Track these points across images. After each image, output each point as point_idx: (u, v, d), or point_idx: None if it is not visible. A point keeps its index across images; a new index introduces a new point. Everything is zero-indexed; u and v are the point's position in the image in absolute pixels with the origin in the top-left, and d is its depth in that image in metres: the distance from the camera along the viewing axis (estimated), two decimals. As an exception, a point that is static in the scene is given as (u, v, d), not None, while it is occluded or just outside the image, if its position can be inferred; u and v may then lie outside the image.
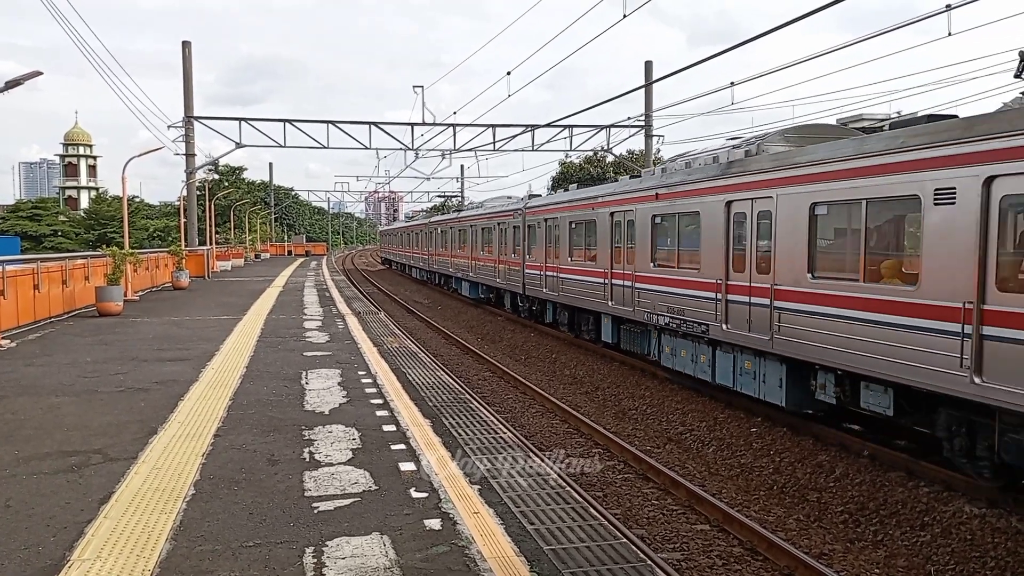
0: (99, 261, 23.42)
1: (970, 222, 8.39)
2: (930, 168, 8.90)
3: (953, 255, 8.63)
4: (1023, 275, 7.96)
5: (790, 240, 11.39)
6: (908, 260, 9.69)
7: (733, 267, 12.99)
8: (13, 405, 9.57)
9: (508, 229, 27.27)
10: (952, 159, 8.62)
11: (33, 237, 79.54)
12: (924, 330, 8.99)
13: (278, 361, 12.92)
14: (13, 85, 15.34)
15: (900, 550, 8.33)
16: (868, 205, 9.97)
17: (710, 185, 13.65)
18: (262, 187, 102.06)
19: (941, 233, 8.80)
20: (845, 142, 10.69)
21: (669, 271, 15.24)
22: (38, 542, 5.29)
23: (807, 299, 11.04)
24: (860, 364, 10.00)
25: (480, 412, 9.78)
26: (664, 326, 15.24)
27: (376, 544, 5.26)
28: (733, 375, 13.12)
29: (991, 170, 8.11)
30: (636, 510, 9.45)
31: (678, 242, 15.02)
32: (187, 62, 38.00)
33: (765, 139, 13.14)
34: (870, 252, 10.18)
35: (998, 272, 8.17)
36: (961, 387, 8.47)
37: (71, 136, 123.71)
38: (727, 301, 13.04)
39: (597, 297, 18.83)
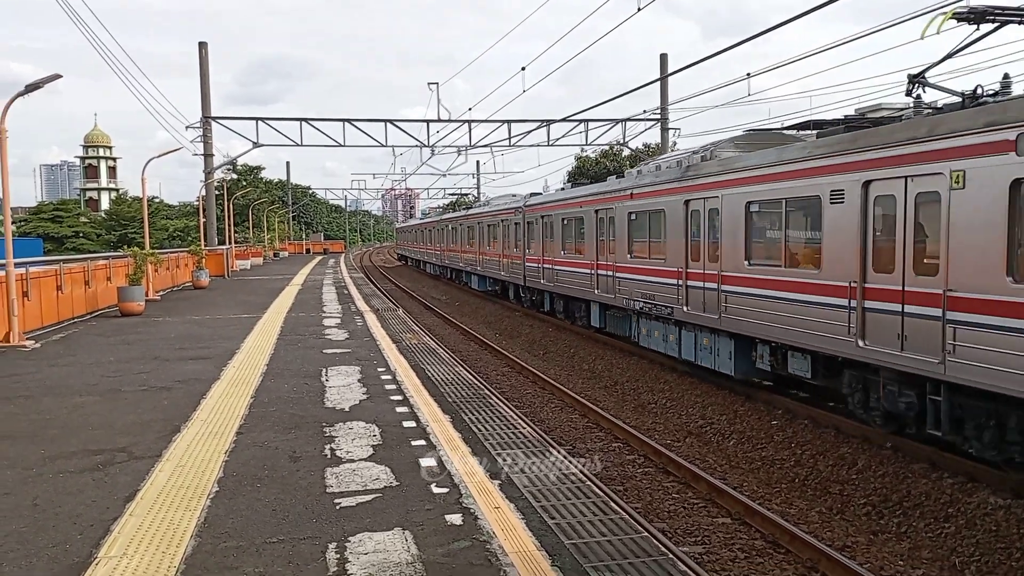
0: (120, 262, 23.67)
1: (854, 217, 10.46)
2: (827, 174, 11.01)
3: (843, 244, 10.72)
4: (903, 258, 9.79)
5: (732, 233, 13.50)
6: (814, 249, 11.57)
7: (691, 257, 15.08)
8: (39, 405, 9.70)
9: (510, 226, 29.21)
10: (842, 167, 10.70)
11: (55, 238, 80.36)
12: (826, 305, 11.08)
13: (298, 359, 13.01)
14: (33, 88, 15.49)
15: (924, 542, 8.28)
16: (787, 204, 12.15)
17: (672, 186, 15.90)
18: (280, 186, 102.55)
19: (835, 226, 10.88)
20: (772, 150, 12.77)
21: (642, 262, 17.47)
22: (65, 540, 5.37)
23: (745, 283, 13.16)
24: (786, 336, 12.07)
25: (499, 407, 9.81)
26: (640, 310, 17.39)
27: (398, 539, 5.29)
28: (695, 351, 15.12)
29: (868, 175, 10.20)
30: (657, 504, 9.44)
31: (648, 236, 17.22)
32: (204, 63, 38.26)
33: (718, 146, 15.08)
34: (789, 242, 12.28)
35: (874, 256, 10.28)
36: (851, 350, 10.58)
37: (91, 138, 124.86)
38: (687, 287, 15.17)
39: (586, 286, 21.00)
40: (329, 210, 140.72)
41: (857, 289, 10.42)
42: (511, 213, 29.23)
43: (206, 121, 37.80)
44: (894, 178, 9.82)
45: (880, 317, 10.06)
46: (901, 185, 9.73)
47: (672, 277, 15.70)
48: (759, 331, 12.77)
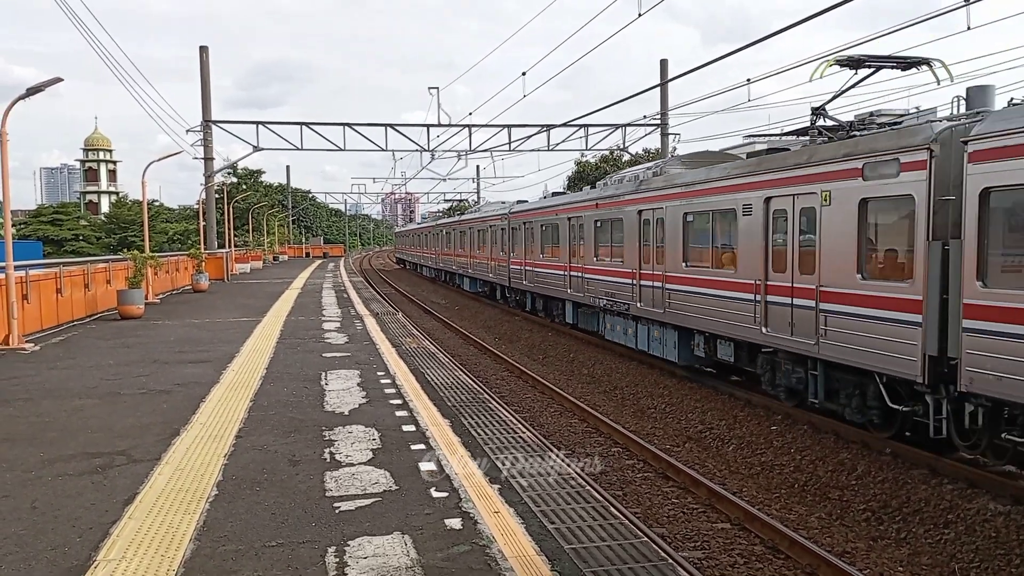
0: (120, 265, 23.68)
1: (759, 226, 12.72)
2: (741, 191, 13.31)
3: (752, 248, 12.98)
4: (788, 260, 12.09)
5: (673, 239, 15.86)
6: (732, 252, 13.74)
7: (643, 260, 17.32)
8: (38, 408, 9.70)
9: (497, 231, 31.39)
10: (750, 185, 13.02)
11: (55, 241, 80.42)
12: (740, 300, 13.26)
13: (298, 362, 13.00)
14: (34, 92, 15.51)
15: (924, 548, 8.27)
16: (713, 215, 14.44)
17: (628, 198, 18.20)
18: (280, 190, 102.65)
19: (746, 234, 13.17)
20: (703, 169, 15.19)
21: (605, 264, 19.58)
22: (64, 543, 5.36)
23: (683, 282, 15.43)
24: (714, 327, 14.31)
25: (499, 412, 9.80)
26: (604, 307, 19.58)
27: (397, 543, 5.28)
28: (648, 342, 17.35)
29: (768, 193, 12.51)
30: (656, 509, 9.43)
31: (611, 241, 19.30)
32: (205, 67, 38.31)
33: (667, 163, 17.96)
34: (715, 247, 14.48)
35: (773, 259, 12.49)
36: (758, 337, 12.80)
37: (91, 141, 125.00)
38: (640, 286, 17.37)
39: (561, 287, 23.12)
40: (329, 214, 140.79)
41: (761, 286, 12.68)
42: (498, 219, 31.36)
43: (207, 125, 37.84)
44: (786, 196, 12.10)
45: (777, 308, 12.34)
46: (790, 201, 12.00)
47: (628, 277, 18.01)
48: (695, 323, 15.08)
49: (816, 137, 12.19)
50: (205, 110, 37.98)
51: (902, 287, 9.73)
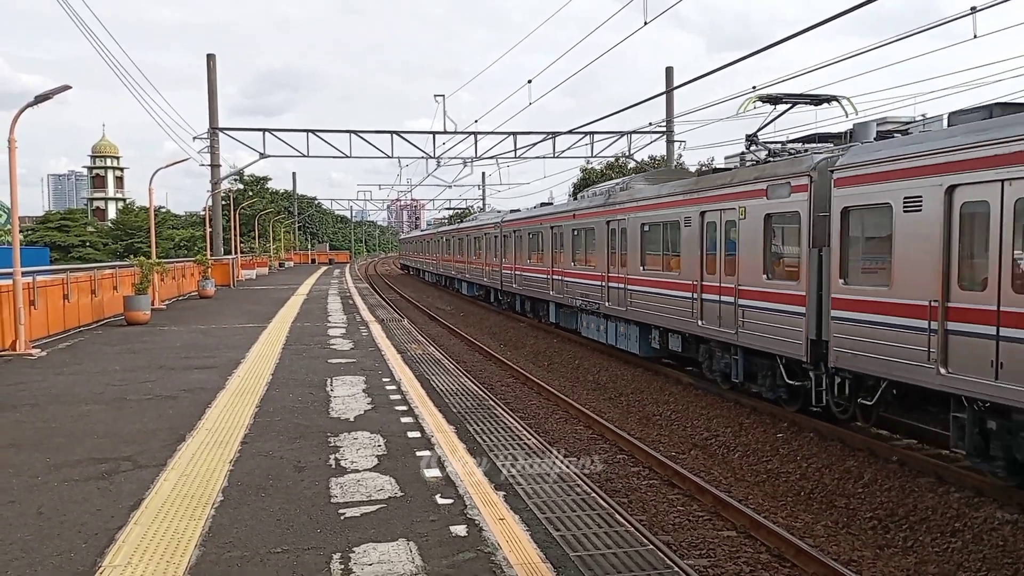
0: (127, 271, 23.76)
1: (696, 236, 15.00)
2: (683, 206, 15.65)
3: (691, 254, 15.15)
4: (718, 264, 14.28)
5: (634, 246, 18.04)
6: (677, 258, 15.96)
7: (610, 264, 19.46)
8: (44, 413, 9.72)
9: (491, 239, 33.79)
10: (690, 201, 15.37)
11: (62, 247, 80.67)
12: (683, 298, 15.48)
13: (303, 368, 13.02)
14: (42, 99, 15.59)
15: (930, 556, 8.23)
16: (664, 225, 16.71)
17: (599, 210, 20.43)
18: (286, 196, 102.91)
19: (687, 242, 15.41)
20: (658, 187, 17.66)
21: (582, 268, 21.69)
22: (70, 548, 5.37)
23: (641, 283, 17.64)
24: (665, 322, 16.56)
25: (504, 418, 9.80)
26: (580, 307, 21.74)
27: (403, 550, 5.28)
28: (616, 337, 19.46)
29: (703, 208, 14.82)
30: (662, 516, 9.40)
31: (585, 248, 21.51)
32: (212, 74, 38.48)
33: (633, 179, 20.36)
34: (666, 253, 16.66)
35: (707, 263, 14.68)
36: (696, 329, 15.06)
37: (99, 148, 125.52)
38: (608, 287, 19.56)
39: (545, 289, 25.34)
40: (335, 220, 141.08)
41: (698, 286, 14.91)
42: (492, 228, 33.81)
43: (213, 132, 37.99)
44: (715, 210, 14.38)
45: (709, 304, 14.55)
46: (719, 215, 14.25)
47: (599, 280, 20.18)
48: (651, 319, 17.31)
49: (747, 160, 14.70)
50: (212, 117, 38.14)
51: (793, 285, 12.14)
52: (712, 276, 14.45)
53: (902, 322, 9.86)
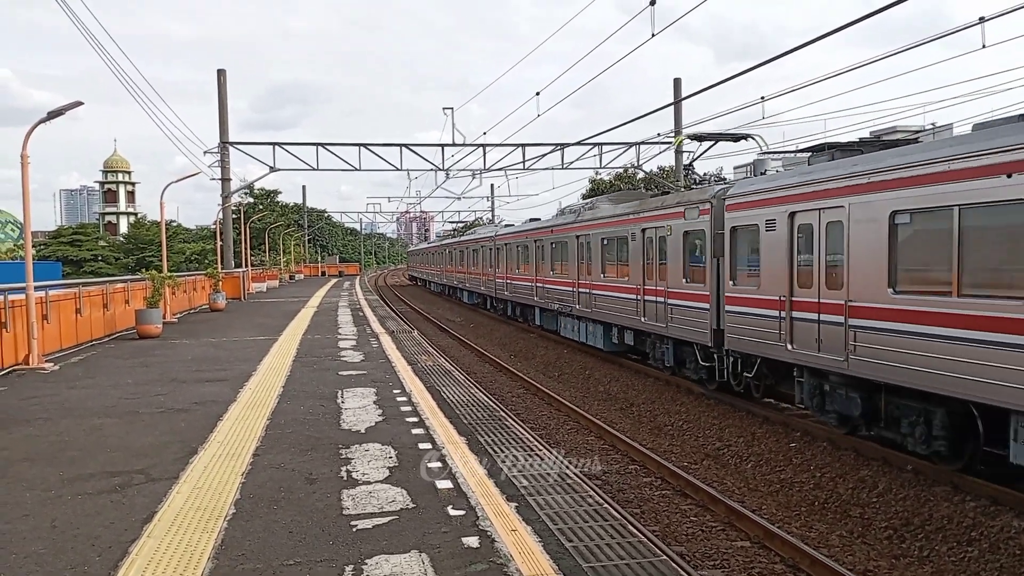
0: (138, 285, 23.88)
1: (640, 248, 18.36)
2: (630, 223, 19.05)
3: (636, 262, 18.59)
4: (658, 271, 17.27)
5: (597, 257, 21.45)
6: (626, 266, 19.37)
7: (579, 273, 22.77)
8: (58, 427, 9.76)
9: (487, 251, 37.16)
10: (635, 220, 18.71)
11: (74, 262, 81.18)
12: (631, 299, 18.80)
13: (314, 380, 13.04)
14: (55, 115, 15.72)
15: (947, 566, 8.15)
16: (615, 239, 20.21)
17: (569, 226, 24.03)
18: (296, 210, 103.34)
19: (632, 252, 18.82)
20: (613, 206, 21.11)
21: (558, 276, 25.09)
22: (84, 561, 5.38)
23: (603, 288, 20.97)
24: (620, 320, 19.76)
25: (515, 429, 9.77)
26: (558, 310, 25.18)
27: (415, 562, 5.27)
28: (586, 335, 22.67)
29: (643, 225, 18.18)
30: (675, 527, 9.35)
31: (562, 259, 24.85)
32: (222, 89, 38.76)
33: (597, 200, 23.64)
34: (619, 263, 19.98)
35: (646, 271, 18.01)
36: (639, 325, 18.48)
37: (110, 163, 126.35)
38: (578, 292, 22.82)
39: (530, 296, 28.73)
40: (344, 233, 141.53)
41: (640, 289, 18.29)
42: (488, 241, 37.35)
43: (224, 146, 38.21)
44: (651, 227, 17.77)
45: (649, 304, 17.91)
46: (654, 231, 17.60)
47: (571, 286, 23.52)
48: (610, 318, 20.49)
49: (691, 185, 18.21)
50: (222, 132, 38.38)
51: (702, 287, 15.32)
52: (650, 281, 17.82)
53: (766, 312, 13.07)
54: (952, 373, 9.27)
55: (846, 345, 11.04)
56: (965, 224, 9.16)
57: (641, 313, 18.19)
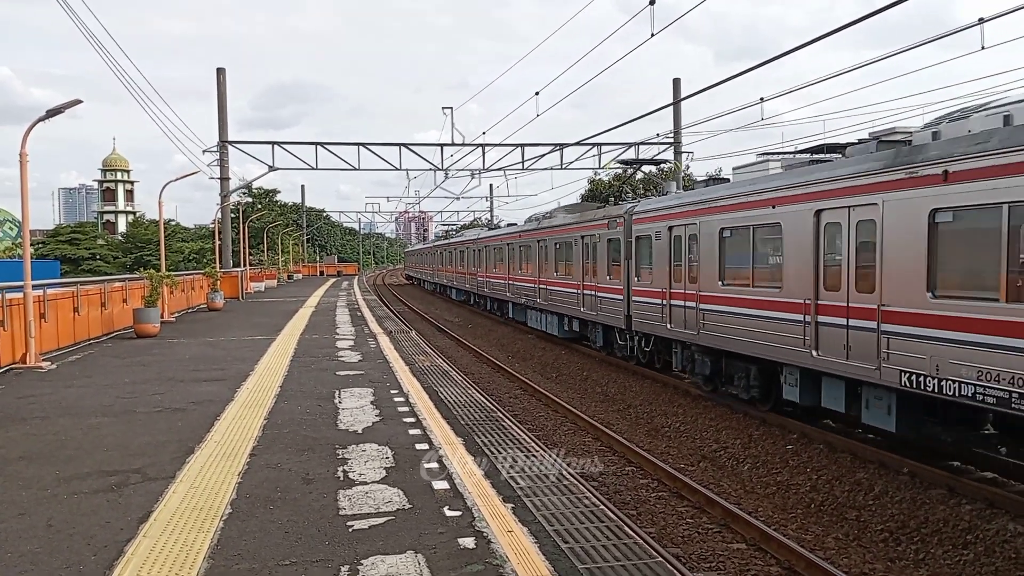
0: (136, 284, 23.86)
1: (579, 251, 22.62)
2: (574, 231, 23.37)
3: (578, 263, 22.71)
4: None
5: (553, 258, 25.57)
6: (572, 266, 23.43)
7: (539, 272, 27.00)
8: (54, 426, 9.76)
9: (471, 252, 41.46)
10: (577, 228, 23.05)
11: (72, 260, 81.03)
12: (575, 294, 23.01)
13: (311, 380, 13.04)
14: (54, 113, 15.71)
15: (942, 569, 8.16)
16: (561, 244, 24.78)
17: (532, 232, 28.46)
18: (294, 209, 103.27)
19: (575, 255, 22.95)
20: (563, 217, 25.78)
21: (525, 275, 29.22)
22: (79, 561, 5.38)
23: (556, 284, 25.15)
24: (569, 312, 23.84)
25: (512, 430, 9.78)
26: (525, 304, 29.32)
27: (411, 563, 5.27)
28: (546, 324, 26.74)
29: (581, 233, 22.53)
30: (671, 528, 9.35)
31: (527, 260, 28.85)
32: (222, 88, 38.76)
33: (555, 211, 28.15)
34: (566, 263, 24.20)
35: (584, 269, 22.22)
36: (580, 314, 22.83)
37: (109, 162, 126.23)
38: (539, 288, 26.99)
39: (505, 292, 32.77)
40: (343, 233, 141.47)
41: (580, 285, 22.58)
42: (471, 243, 41.82)
43: (223, 145, 38.21)
44: (587, 235, 22.10)
45: (586, 297, 22.19)
46: (590, 239, 21.85)
47: (534, 283, 27.67)
48: (562, 310, 24.68)
49: (627, 200, 23.07)
50: (221, 130, 38.38)
51: (618, 282, 19.58)
52: (587, 278, 22.10)
53: (655, 301, 17.39)
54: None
55: (697, 323, 15.29)
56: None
57: (581, 304, 22.65)
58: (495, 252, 34.86)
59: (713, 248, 14.83)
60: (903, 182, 9.94)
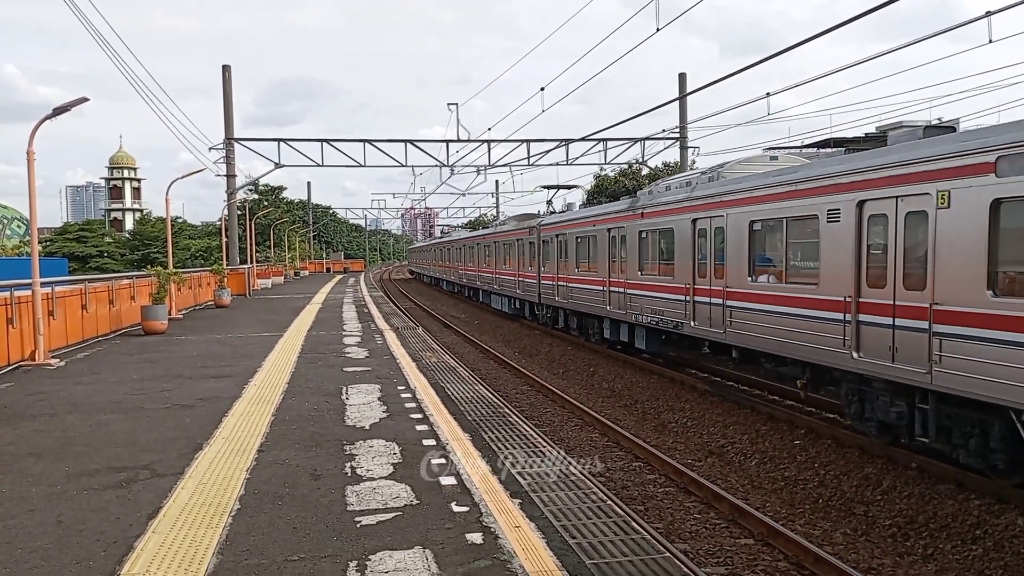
0: (144, 281, 23.93)
1: (516, 250, 31.62)
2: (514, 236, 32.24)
3: (514, 258, 31.75)
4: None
5: (501, 254, 33.76)
6: (514, 260, 31.69)
7: (496, 265, 33.87)
8: (63, 423, 9.80)
9: (455, 250, 49.65)
10: (513, 234, 32.50)
11: (80, 258, 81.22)
12: (513, 280, 31.71)
13: (319, 377, 13.06)
14: (61, 111, 15.76)
15: (951, 564, 8.14)
16: (506, 244, 33.37)
17: (520, 229, 31.46)
18: (301, 206, 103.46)
19: (516, 253, 31.51)
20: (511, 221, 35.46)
21: (488, 268, 36.24)
22: (89, 556, 5.41)
23: (504, 274, 33.46)
24: (511, 294, 32.44)
25: (519, 426, 9.79)
26: (487, 290, 36.44)
27: (418, 558, 5.28)
28: (500, 304, 34.12)
29: (517, 237, 31.53)
30: (678, 524, 9.35)
31: (513, 255, 32.07)
32: (227, 85, 38.76)
33: (508, 219, 36.36)
34: (510, 258, 32.48)
35: (520, 262, 30.79)
36: (517, 295, 31.53)
37: (116, 159, 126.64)
38: (495, 276, 34.86)
39: (476, 282, 40.61)
40: (349, 229, 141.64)
41: (517, 274, 30.49)
42: (457, 243, 49.92)
43: (229, 142, 38.25)
44: (518, 239, 30.45)
45: (520, 282, 30.30)
46: (519, 241, 30.58)
47: (514, 276, 31.94)
48: (507, 293, 32.87)
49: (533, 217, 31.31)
50: (227, 128, 38.41)
51: (532, 270, 27.91)
52: (521, 269, 30.24)
53: (551, 283, 25.62)
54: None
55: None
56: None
57: (517, 287, 30.76)
58: (469, 250, 43.44)
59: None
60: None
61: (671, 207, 16.96)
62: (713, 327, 14.85)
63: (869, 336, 10.57)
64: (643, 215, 18.48)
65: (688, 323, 15.92)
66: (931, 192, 9.38)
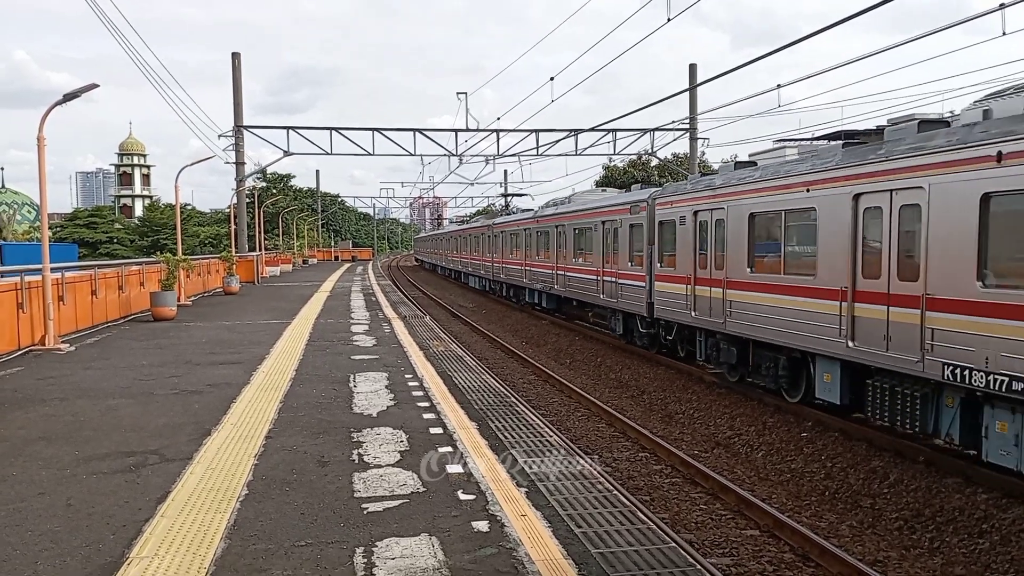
0: (153, 267, 24.02)
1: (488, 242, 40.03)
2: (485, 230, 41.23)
3: (487, 247, 39.86)
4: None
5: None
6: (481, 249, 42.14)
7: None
8: (73, 407, 9.87)
9: (452, 240, 56.09)
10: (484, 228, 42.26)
11: (90, 244, 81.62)
12: (488, 265, 39.89)
13: (326, 364, 13.10)
14: (71, 97, 15.79)
15: (958, 558, 8.13)
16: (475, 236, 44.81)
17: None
18: (309, 194, 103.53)
19: (487, 243, 39.71)
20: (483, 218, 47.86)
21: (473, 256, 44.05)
22: (98, 540, 5.45)
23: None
24: (483, 275, 42.18)
25: (526, 415, 9.80)
26: (470, 273, 45.21)
27: (425, 545, 5.30)
28: (475, 282, 45.14)
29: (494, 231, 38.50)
30: (684, 515, 9.36)
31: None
32: (237, 73, 38.79)
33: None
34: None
35: (491, 250, 38.93)
36: (490, 276, 39.99)
37: (126, 146, 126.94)
38: (480, 263, 41.99)
39: (466, 267, 47.37)
40: (357, 218, 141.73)
41: (491, 259, 37.98)
42: (458, 233, 55.06)
43: (238, 130, 38.29)
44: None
45: (491, 267, 38.69)
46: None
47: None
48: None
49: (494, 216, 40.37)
50: (237, 115, 38.45)
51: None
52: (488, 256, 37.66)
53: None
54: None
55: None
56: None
57: (491, 273, 38.00)
58: (461, 240, 48.98)
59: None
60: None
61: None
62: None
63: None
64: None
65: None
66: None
